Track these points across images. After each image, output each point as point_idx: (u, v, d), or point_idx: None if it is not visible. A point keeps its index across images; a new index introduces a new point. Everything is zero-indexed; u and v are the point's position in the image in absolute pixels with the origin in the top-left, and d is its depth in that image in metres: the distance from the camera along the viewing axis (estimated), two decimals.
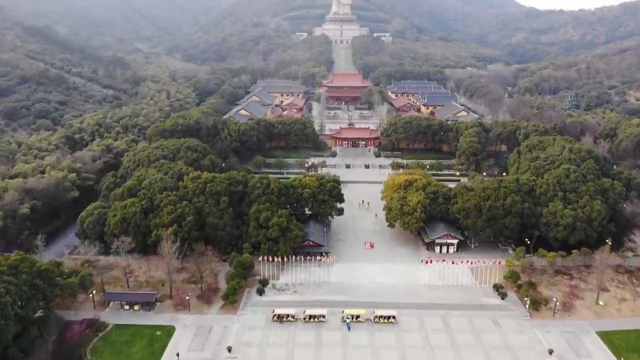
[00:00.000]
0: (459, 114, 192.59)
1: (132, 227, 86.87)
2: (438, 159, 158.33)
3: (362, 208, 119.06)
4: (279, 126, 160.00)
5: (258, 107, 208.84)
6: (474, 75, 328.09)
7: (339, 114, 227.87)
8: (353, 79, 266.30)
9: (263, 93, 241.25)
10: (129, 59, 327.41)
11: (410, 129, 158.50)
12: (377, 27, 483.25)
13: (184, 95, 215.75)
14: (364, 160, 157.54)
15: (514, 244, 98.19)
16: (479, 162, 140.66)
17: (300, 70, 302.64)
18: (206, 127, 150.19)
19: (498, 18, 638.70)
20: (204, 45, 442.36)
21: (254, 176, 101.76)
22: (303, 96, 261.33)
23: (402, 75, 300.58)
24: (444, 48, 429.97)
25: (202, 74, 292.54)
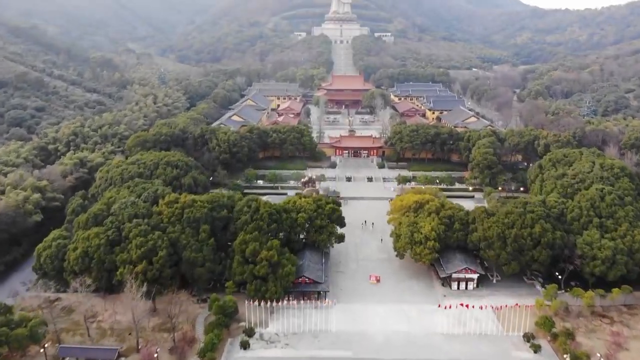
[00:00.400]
0: (469, 120, 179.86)
1: (96, 263, 74.06)
2: (447, 170, 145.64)
3: (366, 229, 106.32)
4: (274, 135, 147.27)
5: (252, 112, 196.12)
6: (480, 76, 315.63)
7: (339, 119, 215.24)
8: (354, 81, 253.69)
9: (258, 97, 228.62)
10: (118, 60, 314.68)
11: (416, 137, 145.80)
12: (378, 26, 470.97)
13: (173, 100, 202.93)
14: (366, 172, 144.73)
15: (542, 277, 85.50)
16: (494, 176, 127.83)
17: (298, 72, 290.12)
18: (193, 137, 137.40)
19: (502, 17, 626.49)
20: (199, 46, 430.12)
21: (242, 198, 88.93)
22: (301, 100, 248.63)
23: (405, 77, 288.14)
24: (447, 48, 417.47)
25: (195, 76, 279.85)
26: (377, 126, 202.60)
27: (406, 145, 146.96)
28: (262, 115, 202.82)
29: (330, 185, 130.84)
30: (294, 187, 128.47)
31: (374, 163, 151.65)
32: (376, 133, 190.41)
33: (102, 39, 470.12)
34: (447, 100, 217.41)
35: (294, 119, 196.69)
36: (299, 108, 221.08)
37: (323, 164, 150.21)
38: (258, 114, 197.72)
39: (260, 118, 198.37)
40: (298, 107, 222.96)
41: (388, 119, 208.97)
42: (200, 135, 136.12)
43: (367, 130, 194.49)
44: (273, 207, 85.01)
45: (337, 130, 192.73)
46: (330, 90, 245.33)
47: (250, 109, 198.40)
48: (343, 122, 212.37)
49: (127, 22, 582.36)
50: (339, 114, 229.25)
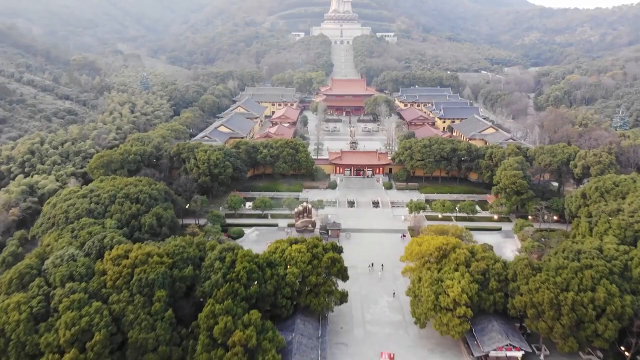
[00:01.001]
0: (486, 131, 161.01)
1: (14, 346, 55.03)
2: (466, 192, 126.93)
3: (373, 275, 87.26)
4: (264, 151, 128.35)
5: (242, 121, 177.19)
6: (491, 80, 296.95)
7: (339, 128, 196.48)
8: (355, 85, 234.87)
9: (250, 103, 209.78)
10: (101, 62, 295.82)
11: (429, 154, 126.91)
12: (380, 26, 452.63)
13: (154, 108, 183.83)
14: (371, 194, 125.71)
15: (601, 351, 66.53)
16: (523, 203, 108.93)
17: (295, 75, 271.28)
18: (168, 156, 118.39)
19: (509, 17, 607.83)
20: (192, 46, 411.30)
21: (215, 246, 69.84)
22: (298, 106, 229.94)
23: (411, 81, 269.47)
24: (454, 49, 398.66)
25: (184, 80, 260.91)
26: (381, 137, 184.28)
27: (417, 164, 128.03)
28: (254, 125, 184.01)
29: (329, 212, 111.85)
30: (286, 216, 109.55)
31: (379, 183, 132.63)
32: (381, 144, 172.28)
33: (90, 39, 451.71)
34: (458, 108, 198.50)
35: (289, 129, 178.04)
36: (295, 116, 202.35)
37: (321, 184, 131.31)
38: (249, 124, 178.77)
39: (252, 128, 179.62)
40: (294, 114, 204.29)
41: (394, 128, 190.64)
42: (177, 153, 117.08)
43: (370, 142, 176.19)
44: (254, 260, 65.94)
45: (337, 142, 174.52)
46: (329, 96, 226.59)
47: (240, 117, 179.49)
48: (344, 131, 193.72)
49: (118, 21, 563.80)
50: (339, 122, 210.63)
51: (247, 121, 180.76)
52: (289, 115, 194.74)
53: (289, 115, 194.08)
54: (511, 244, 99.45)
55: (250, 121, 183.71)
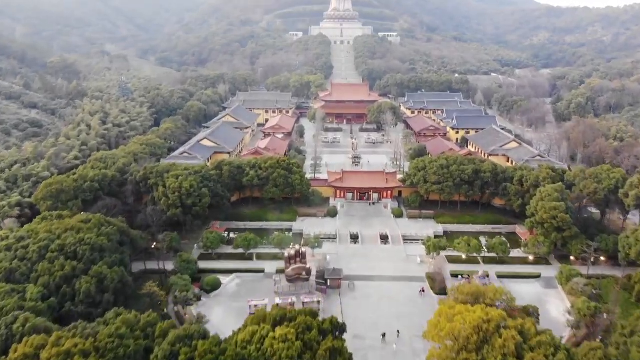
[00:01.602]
0: (508, 145, 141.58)
1: None
2: (491, 221, 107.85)
3: (387, 350, 67.25)
4: (251, 172, 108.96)
5: (230, 132, 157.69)
6: (503, 83, 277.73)
7: (339, 139, 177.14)
8: (357, 90, 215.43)
9: (241, 110, 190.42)
10: (82, 64, 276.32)
11: (447, 176, 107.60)
12: (382, 25, 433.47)
13: (132, 117, 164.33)
14: (378, 224, 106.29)
15: None
16: (565, 241, 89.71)
17: (292, 79, 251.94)
18: (134, 182, 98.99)
19: (515, 16, 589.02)
20: (183, 47, 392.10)
21: (168, 330, 50.36)
22: (294, 113, 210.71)
23: (417, 85, 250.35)
24: (460, 50, 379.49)
25: (170, 83, 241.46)
26: (387, 149, 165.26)
27: (433, 188, 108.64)
28: (244, 136, 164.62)
29: (328, 250, 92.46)
30: (275, 256, 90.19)
31: (388, 210, 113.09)
32: (387, 159, 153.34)
33: (77, 39, 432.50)
34: (473, 117, 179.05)
35: (283, 141, 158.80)
36: (291, 125, 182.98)
37: (319, 211, 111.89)
38: (238, 136, 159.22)
39: (242, 139, 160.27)
40: (290, 123, 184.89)
41: (401, 139, 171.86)
42: (143, 179, 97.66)
43: (375, 155, 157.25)
44: (224, 357, 46.48)
45: (338, 155, 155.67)
46: (329, 102, 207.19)
47: (227, 128, 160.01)
48: (345, 142, 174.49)
49: (110, 21, 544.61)
50: (340, 131, 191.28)
51: (236, 132, 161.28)
52: (284, 125, 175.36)
53: (283, 125, 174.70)
54: (556, 297, 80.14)
55: (240, 132, 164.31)
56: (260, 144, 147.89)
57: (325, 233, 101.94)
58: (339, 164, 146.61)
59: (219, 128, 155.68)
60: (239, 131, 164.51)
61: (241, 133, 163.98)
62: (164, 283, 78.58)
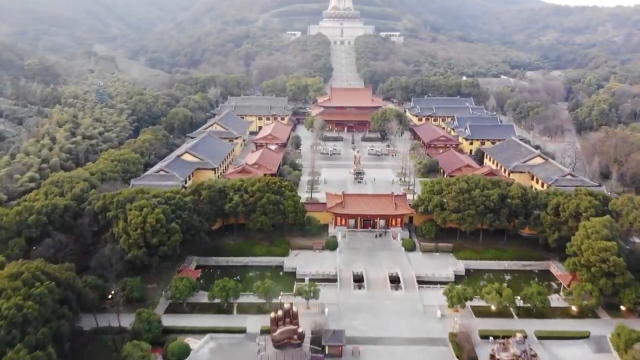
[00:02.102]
0: (532, 161, 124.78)
1: None
2: (520, 256, 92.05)
3: None
4: (235, 197, 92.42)
5: (217, 144, 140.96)
6: (514, 87, 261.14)
7: (339, 150, 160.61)
8: (359, 95, 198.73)
9: (231, 118, 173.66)
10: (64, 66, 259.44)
11: (469, 203, 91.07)
12: (384, 25, 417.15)
13: (106, 128, 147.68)
14: (387, 260, 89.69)
15: None
16: (617, 289, 73.14)
17: (289, 82, 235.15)
18: (92, 212, 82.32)
19: (522, 15, 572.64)
20: (175, 47, 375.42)
21: None
22: (290, 121, 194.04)
23: (424, 89, 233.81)
24: (467, 50, 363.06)
25: (156, 87, 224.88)
26: (393, 162, 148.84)
27: (453, 217, 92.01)
28: (232, 148, 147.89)
29: (326, 301, 75.67)
30: (260, 308, 73.57)
31: (398, 241, 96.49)
32: (393, 174, 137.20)
33: (64, 39, 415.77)
34: (489, 126, 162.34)
35: (277, 154, 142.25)
36: (286, 134, 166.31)
37: (315, 243, 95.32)
38: (225, 148, 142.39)
39: (230, 152, 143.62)
40: (285, 132, 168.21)
41: (408, 150, 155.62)
42: (102, 209, 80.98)
43: (380, 170, 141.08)
44: None
45: (338, 170, 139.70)
46: (328, 108, 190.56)
47: (214, 139, 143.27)
48: (346, 154, 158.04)
49: (100, 19, 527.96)
50: (340, 141, 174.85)
51: (223, 144, 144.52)
52: (278, 135, 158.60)
53: (277, 135, 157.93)
54: None
55: (228, 144, 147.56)
56: (250, 158, 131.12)
57: (323, 273, 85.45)
58: (339, 181, 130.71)
59: (204, 139, 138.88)
60: (227, 143, 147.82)
61: (229, 145, 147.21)
62: (118, 348, 62.13)
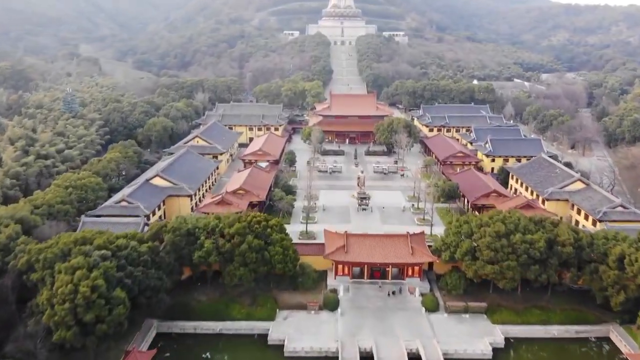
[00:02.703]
0: (571, 186, 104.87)
1: None
2: (572, 320, 72.23)
3: None
4: (207, 243, 72.47)
5: (196, 164, 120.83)
6: (530, 91, 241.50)
7: (340, 166, 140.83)
8: (362, 102, 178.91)
9: (216, 129, 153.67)
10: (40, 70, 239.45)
11: (507, 251, 71.13)
12: (386, 24, 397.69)
13: (69, 144, 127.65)
14: (403, 326, 69.75)
15: None
16: None
17: (284, 87, 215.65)
18: (16, 273, 62.38)
19: (530, 14, 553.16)
20: (165, 48, 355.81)
21: None
22: (284, 131, 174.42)
23: (433, 94, 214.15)
24: (476, 51, 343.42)
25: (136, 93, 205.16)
26: (402, 182, 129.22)
27: (488, 269, 72.02)
28: (215, 167, 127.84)
29: None
30: None
31: (416, 298, 76.42)
32: (404, 198, 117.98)
33: (49, 40, 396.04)
34: (512, 140, 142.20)
35: (268, 173, 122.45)
36: (279, 149, 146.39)
37: (311, 301, 75.44)
38: (205, 168, 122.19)
39: (212, 173, 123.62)
40: (278, 146, 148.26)
41: (420, 167, 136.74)
42: (28, 267, 61.09)
43: (388, 193, 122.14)
44: None
45: (339, 192, 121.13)
46: (327, 117, 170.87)
47: (192, 157, 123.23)
48: (348, 171, 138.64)
49: (90, 19, 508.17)
50: (341, 155, 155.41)
51: (204, 162, 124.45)
52: (270, 149, 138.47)
53: (269, 149, 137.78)
54: None
55: (210, 162, 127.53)
56: (234, 181, 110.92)
57: (320, 349, 65.60)
58: (340, 208, 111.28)
59: (180, 158, 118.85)
60: (209, 161, 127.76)
61: (212, 164, 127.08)
62: None
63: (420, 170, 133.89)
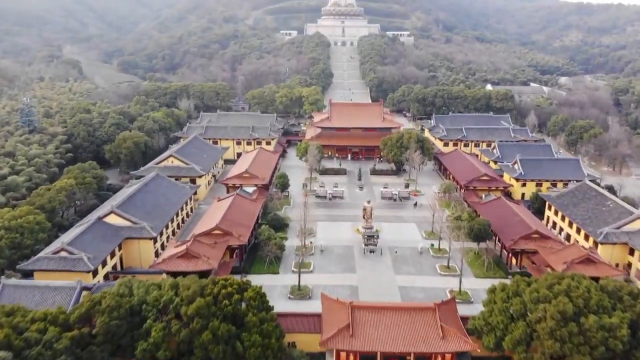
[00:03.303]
0: (630, 225, 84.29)
1: None
2: None
3: None
4: (157, 328, 51.81)
5: (164, 192, 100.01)
6: (551, 97, 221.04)
7: (341, 192, 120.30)
8: (367, 113, 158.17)
9: (197, 145, 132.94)
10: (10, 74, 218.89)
11: (579, 342, 50.58)
12: (390, 23, 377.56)
13: (15, 167, 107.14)
14: None
15: None
16: None
17: (279, 93, 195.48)
18: None
19: (540, 13, 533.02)
20: (153, 49, 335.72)
21: None
22: (278, 145, 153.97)
23: (445, 101, 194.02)
24: (487, 53, 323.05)
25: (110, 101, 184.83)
26: (416, 212, 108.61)
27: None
28: (189, 195, 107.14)
29: None
30: None
31: None
32: (419, 233, 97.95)
33: (30, 40, 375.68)
34: (545, 160, 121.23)
35: (254, 202, 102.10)
36: (270, 169, 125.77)
37: None
38: (176, 199, 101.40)
39: (184, 204, 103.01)
40: (268, 166, 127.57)
41: (437, 195, 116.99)
42: None
43: (400, 226, 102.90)
44: None
45: (340, 225, 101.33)
46: (327, 130, 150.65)
47: (162, 181, 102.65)
48: (351, 197, 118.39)
49: (77, 18, 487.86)
50: (343, 174, 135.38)
51: (177, 190, 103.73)
52: (258, 171, 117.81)
53: (257, 171, 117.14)
54: None
55: (185, 188, 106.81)
56: (206, 221, 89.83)
57: None
58: (341, 249, 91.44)
59: (147, 185, 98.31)
60: (184, 186, 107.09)
61: (187, 190, 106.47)
62: None
63: (438, 196, 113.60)
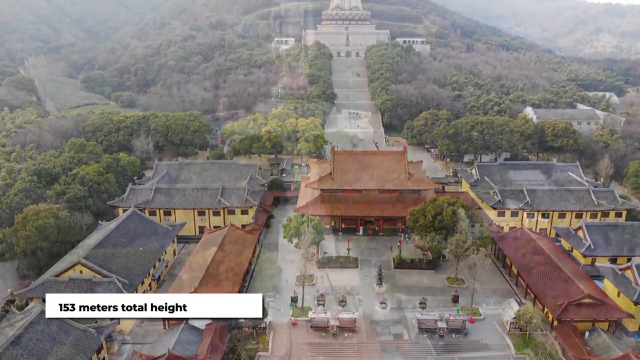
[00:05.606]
0: None
1: None
2: None
3: None
4: None
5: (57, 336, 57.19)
6: (610, 124, 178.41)
7: (352, 319, 77.61)
8: (383, 166, 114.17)
9: (132, 226, 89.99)
10: None
11: None
12: (400, 28, 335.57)
13: None
14: None
15: None
16: None
17: (266, 126, 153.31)
18: None
19: (564, 15, 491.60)
20: (127, 61, 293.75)
21: None
22: (259, 213, 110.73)
23: (485, 138, 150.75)
24: (517, 64, 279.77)
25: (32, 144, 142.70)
26: (483, 353, 65.93)
27: None
28: (99, 343, 64.08)
29: None
30: None
31: None
32: None
33: None
34: None
35: None
36: (240, 271, 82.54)
37: None
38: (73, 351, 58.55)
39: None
40: (238, 264, 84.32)
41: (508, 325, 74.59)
42: None
43: None
44: None
45: None
46: (327, 192, 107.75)
47: (51, 323, 59.54)
48: (367, 328, 75.31)
49: (50, 24, 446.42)
50: (354, 267, 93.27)
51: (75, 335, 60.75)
52: (220, 280, 74.90)
53: (217, 283, 74.16)
54: None
55: (88, 333, 63.64)
56: None
57: None
58: None
59: (25, 331, 55.58)
60: (86, 330, 64.05)
61: (92, 338, 63.30)
62: None
63: (509, 325, 70.94)
